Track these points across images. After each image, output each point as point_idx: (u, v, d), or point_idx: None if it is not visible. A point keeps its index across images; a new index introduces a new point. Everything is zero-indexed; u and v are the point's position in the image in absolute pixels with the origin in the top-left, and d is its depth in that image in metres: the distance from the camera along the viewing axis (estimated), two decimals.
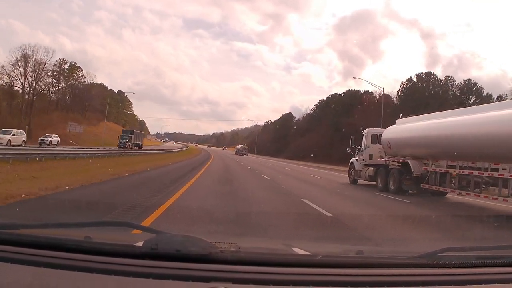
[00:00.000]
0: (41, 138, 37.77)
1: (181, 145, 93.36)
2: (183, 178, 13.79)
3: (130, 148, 46.72)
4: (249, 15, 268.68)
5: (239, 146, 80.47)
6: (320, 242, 4.69)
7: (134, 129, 67.36)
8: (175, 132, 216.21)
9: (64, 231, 1.86)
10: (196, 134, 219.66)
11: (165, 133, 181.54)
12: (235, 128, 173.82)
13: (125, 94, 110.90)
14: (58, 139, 40.08)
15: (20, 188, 7.69)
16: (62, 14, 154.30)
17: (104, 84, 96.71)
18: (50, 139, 37.79)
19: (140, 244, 1.44)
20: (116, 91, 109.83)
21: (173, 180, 13.07)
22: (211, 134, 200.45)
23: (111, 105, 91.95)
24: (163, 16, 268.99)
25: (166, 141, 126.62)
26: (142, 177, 13.81)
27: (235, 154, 68.86)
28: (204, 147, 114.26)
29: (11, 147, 21.21)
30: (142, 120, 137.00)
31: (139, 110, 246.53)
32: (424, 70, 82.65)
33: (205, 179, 14.75)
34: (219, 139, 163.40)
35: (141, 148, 51.50)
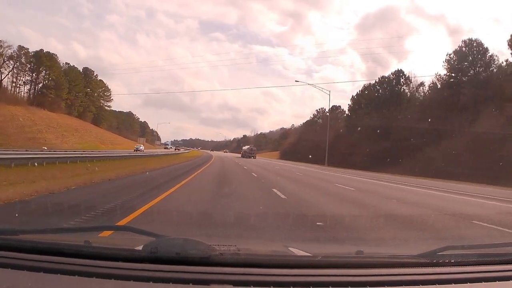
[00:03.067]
0: None
1: (179, 150, 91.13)
2: None
3: None
4: (267, 14, 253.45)
5: (246, 147, 76.06)
6: (319, 243, 4.67)
7: (126, 131, 52.24)
8: (191, 139, 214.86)
9: (64, 236, 1.86)
10: (215, 140, 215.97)
11: (182, 140, 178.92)
12: (259, 132, 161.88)
13: (95, 73, 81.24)
14: None
15: None
16: (73, 19, 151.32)
17: (52, 53, 70.08)
18: None
19: (140, 248, 1.43)
20: (83, 69, 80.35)
21: None
22: (231, 139, 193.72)
23: (60, 86, 66.81)
24: (178, 18, 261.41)
25: (168, 147, 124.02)
26: None
27: (242, 157, 63.91)
28: (209, 151, 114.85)
29: None
30: (145, 121, 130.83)
31: (157, 118, 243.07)
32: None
33: None
34: (240, 144, 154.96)
35: None
